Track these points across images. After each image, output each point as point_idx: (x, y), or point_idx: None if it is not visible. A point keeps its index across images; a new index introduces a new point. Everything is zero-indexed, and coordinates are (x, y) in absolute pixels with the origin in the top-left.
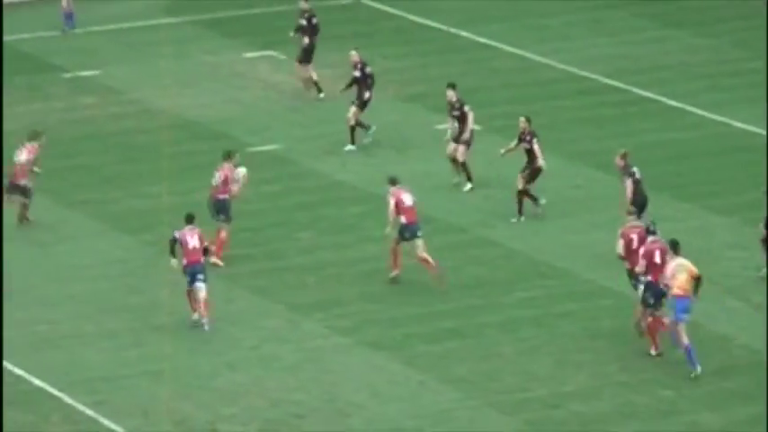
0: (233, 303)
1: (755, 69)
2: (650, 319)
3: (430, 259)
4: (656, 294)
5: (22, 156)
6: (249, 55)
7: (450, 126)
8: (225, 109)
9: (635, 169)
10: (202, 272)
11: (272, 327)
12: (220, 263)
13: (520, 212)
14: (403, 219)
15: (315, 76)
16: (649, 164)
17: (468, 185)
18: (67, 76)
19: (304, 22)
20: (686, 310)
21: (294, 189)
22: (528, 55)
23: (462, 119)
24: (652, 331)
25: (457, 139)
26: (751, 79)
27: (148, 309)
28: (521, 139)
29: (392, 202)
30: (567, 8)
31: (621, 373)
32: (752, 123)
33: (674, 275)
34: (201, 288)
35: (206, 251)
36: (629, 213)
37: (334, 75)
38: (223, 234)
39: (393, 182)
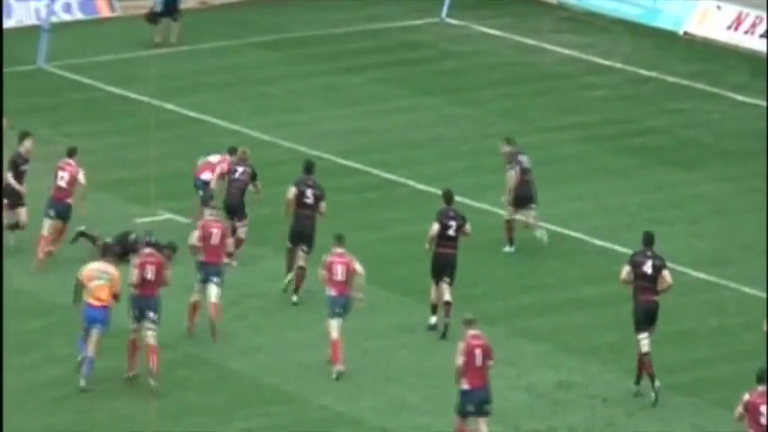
0: None
1: (527, 144)
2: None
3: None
4: None
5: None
6: None
7: None
8: None
9: (523, 157)
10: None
11: None
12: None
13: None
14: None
15: None
16: (400, 263)
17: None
18: None
19: None
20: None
21: None
22: (246, 130)
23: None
24: None
25: None
26: None
27: None
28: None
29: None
30: (293, 73)
31: None
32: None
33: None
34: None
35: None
36: (508, 204)
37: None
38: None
39: None
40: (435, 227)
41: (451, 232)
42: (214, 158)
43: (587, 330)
